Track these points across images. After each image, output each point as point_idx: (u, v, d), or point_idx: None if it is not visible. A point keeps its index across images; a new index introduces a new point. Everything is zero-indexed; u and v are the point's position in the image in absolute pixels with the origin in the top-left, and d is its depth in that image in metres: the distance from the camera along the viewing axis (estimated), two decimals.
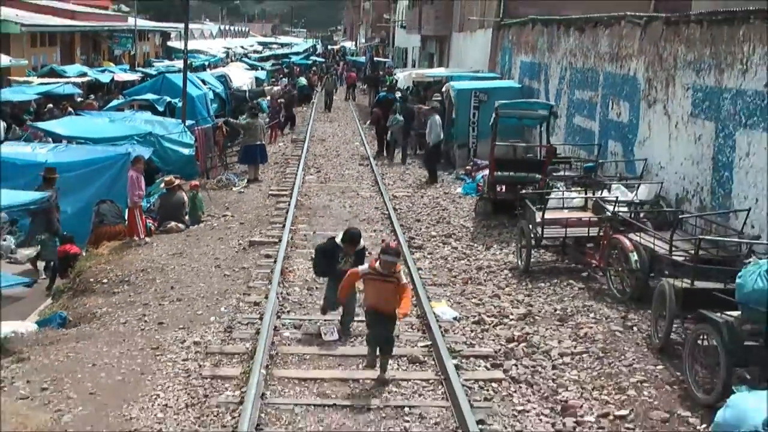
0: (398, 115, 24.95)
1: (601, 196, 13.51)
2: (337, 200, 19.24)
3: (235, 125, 24.25)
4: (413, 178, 22.33)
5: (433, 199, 19.41)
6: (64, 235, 15.19)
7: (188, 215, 17.13)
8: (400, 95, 29.97)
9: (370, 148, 27.80)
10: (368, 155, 26.25)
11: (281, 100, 33.86)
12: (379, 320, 8.95)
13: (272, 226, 16.26)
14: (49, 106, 28.53)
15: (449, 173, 22.52)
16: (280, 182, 21.64)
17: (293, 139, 30.78)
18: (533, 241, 13.11)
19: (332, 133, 33.26)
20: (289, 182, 21.26)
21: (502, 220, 16.30)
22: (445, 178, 21.98)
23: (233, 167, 24.44)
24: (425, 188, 20.88)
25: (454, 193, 20.07)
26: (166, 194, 17.20)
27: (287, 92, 37.26)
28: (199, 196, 17.98)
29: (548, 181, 16.03)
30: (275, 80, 47.25)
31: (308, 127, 33.64)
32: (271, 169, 23.70)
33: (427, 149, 22.34)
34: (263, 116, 27.74)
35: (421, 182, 21.65)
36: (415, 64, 50.13)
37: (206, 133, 23.42)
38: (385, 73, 49.27)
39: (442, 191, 20.38)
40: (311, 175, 22.77)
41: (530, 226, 13.15)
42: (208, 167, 23.31)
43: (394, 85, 34.83)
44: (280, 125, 31.76)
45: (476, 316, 11.07)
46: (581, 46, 19.33)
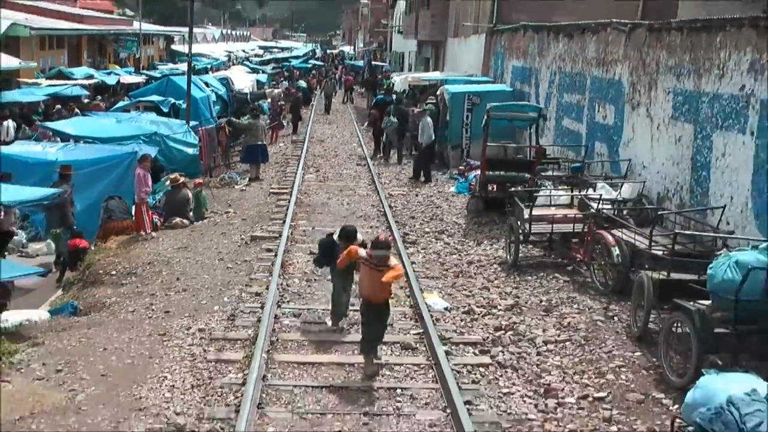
0: (392, 116, 25.24)
1: (586, 194, 13.69)
2: (335, 198, 19.45)
3: (237, 125, 24.49)
4: (408, 177, 22.54)
5: (427, 197, 19.61)
6: (73, 229, 15.41)
7: (192, 212, 17.34)
8: (394, 97, 30.18)
9: (367, 148, 28.03)
10: (365, 155, 26.48)
11: (281, 102, 34.11)
12: (372, 310, 8.99)
13: (273, 222, 16.47)
14: (57, 107, 28.69)
15: (443, 173, 22.70)
16: (280, 181, 21.82)
17: (293, 140, 30.98)
18: (521, 236, 13.33)
19: (331, 134, 33.46)
20: (289, 181, 21.44)
21: (492, 217, 16.51)
22: (439, 177, 22.15)
23: (235, 166, 24.66)
24: (420, 187, 21.05)
25: (447, 192, 20.25)
26: (171, 191, 17.40)
27: (293, 95, 37.51)
28: (202, 193, 18.21)
29: (537, 180, 16.27)
30: (276, 83, 47.44)
31: (308, 128, 33.85)
32: (271, 168, 23.87)
33: (419, 150, 22.56)
34: (264, 118, 28.00)
35: (414, 181, 21.84)
36: (411, 68, 50.20)
37: (210, 133, 23.66)
38: (382, 76, 49.58)
39: (436, 190, 20.58)
40: (310, 174, 22.96)
41: (519, 222, 13.38)
42: (211, 166, 23.54)
43: (391, 88, 35.09)
44: (280, 126, 31.96)
45: (466, 306, 11.30)
46: (570, 51, 19.53)
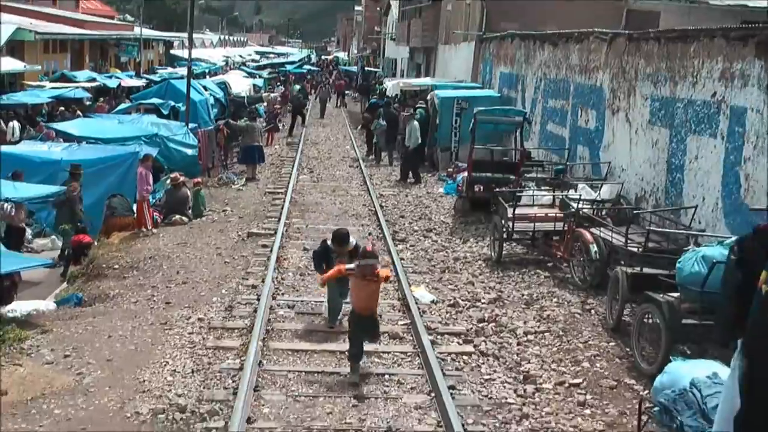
0: (381, 119, 25.56)
1: (567, 194, 13.98)
2: (328, 198, 19.70)
3: (235, 127, 24.76)
4: (397, 179, 22.79)
5: (416, 197, 19.88)
6: (78, 225, 15.63)
7: (191, 209, 17.57)
8: (384, 101, 30.46)
9: (359, 151, 28.34)
10: (358, 157, 26.76)
11: (278, 106, 34.38)
12: (361, 324, 8.87)
13: (268, 220, 16.71)
14: (60, 108, 28.92)
15: (432, 175, 22.97)
16: (276, 181, 22.05)
17: (288, 142, 31.25)
18: (505, 234, 13.59)
19: (325, 137, 33.73)
20: (284, 181, 21.66)
21: (479, 216, 16.75)
22: (428, 179, 22.41)
23: (232, 167, 24.89)
24: (410, 188, 21.30)
25: (436, 192, 20.50)
26: (171, 190, 17.66)
27: (296, 98, 38.46)
28: (201, 192, 18.42)
29: (521, 181, 16.61)
30: (272, 87, 47.71)
31: (303, 131, 34.14)
32: (267, 169, 24.10)
33: (406, 152, 22.83)
34: (261, 120, 28.31)
35: (403, 182, 22.06)
36: (404, 73, 50.48)
37: (208, 135, 23.90)
38: (375, 82, 49.86)
39: (425, 191, 20.85)
40: (305, 175, 23.20)
41: (502, 221, 13.65)
42: (209, 167, 23.80)
43: (383, 93, 35.40)
44: (275, 129, 32.21)
45: (452, 299, 11.55)
46: (554, 59, 19.84)
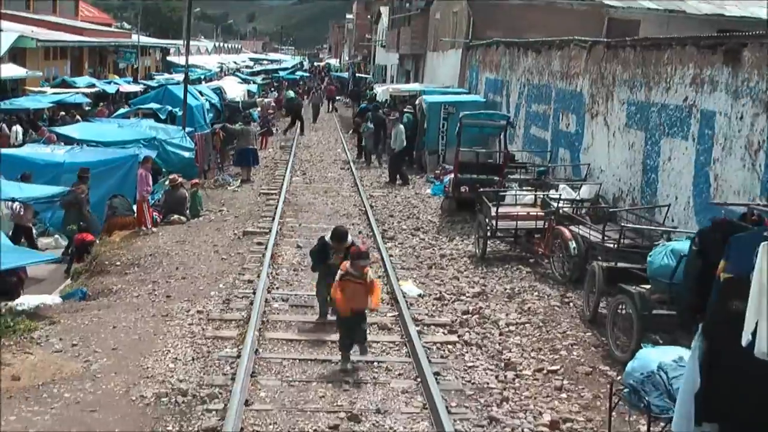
0: (369, 123, 25.94)
1: (547, 194, 14.31)
2: (320, 198, 20.00)
3: (231, 131, 25.01)
4: (385, 181, 23.04)
5: (405, 198, 20.20)
6: (80, 225, 15.92)
7: (189, 210, 17.78)
8: (372, 105, 30.79)
9: (350, 154, 28.68)
10: (349, 160, 27.09)
11: (271, 111, 34.66)
12: (347, 322, 8.97)
13: (263, 219, 16.98)
14: (61, 113, 29.17)
15: (420, 176, 23.29)
16: (270, 183, 22.31)
17: (282, 145, 31.54)
18: (489, 232, 13.93)
19: (317, 141, 34.04)
20: (278, 183, 21.93)
21: (464, 216, 17.02)
22: (416, 180, 22.73)
23: (228, 169, 25.12)
24: (398, 189, 21.59)
25: (424, 193, 20.80)
26: (170, 191, 17.92)
27: (296, 101, 38.85)
28: (198, 193, 18.62)
29: (505, 182, 16.94)
30: (266, 93, 48.00)
31: (295, 135, 34.46)
32: (261, 171, 24.32)
33: (392, 155, 23.19)
34: (255, 124, 28.61)
35: (392, 184, 22.33)
36: (393, 79, 50.79)
37: (205, 138, 24.16)
38: (366, 87, 50.19)
39: (413, 192, 21.16)
40: (298, 176, 23.48)
41: (486, 219, 13.97)
42: (206, 169, 24.06)
43: (374, 98, 35.74)
44: (269, 132, 32.47)
45: (438, 293, 11.89)
46: (537, 65, 20.21)
